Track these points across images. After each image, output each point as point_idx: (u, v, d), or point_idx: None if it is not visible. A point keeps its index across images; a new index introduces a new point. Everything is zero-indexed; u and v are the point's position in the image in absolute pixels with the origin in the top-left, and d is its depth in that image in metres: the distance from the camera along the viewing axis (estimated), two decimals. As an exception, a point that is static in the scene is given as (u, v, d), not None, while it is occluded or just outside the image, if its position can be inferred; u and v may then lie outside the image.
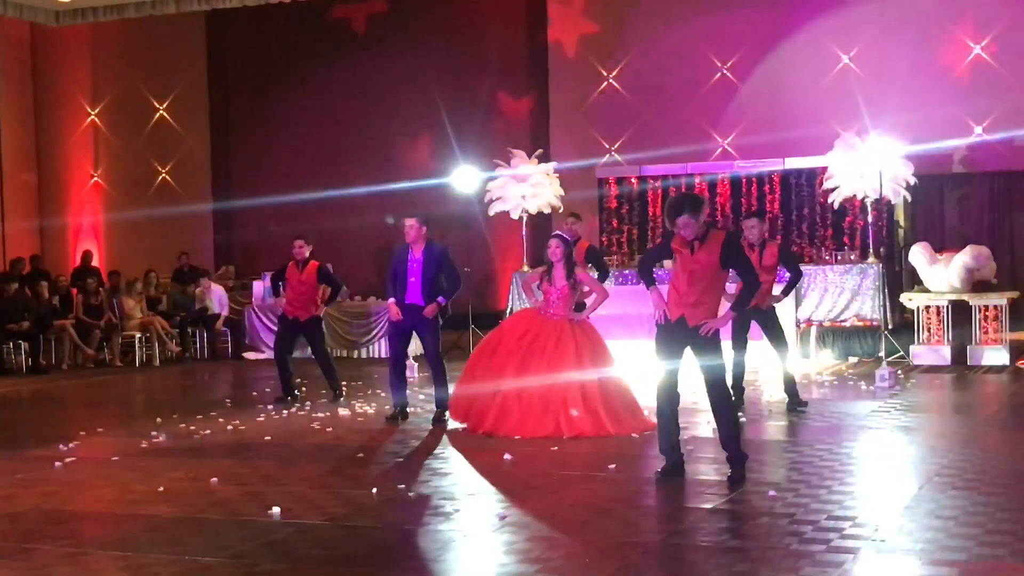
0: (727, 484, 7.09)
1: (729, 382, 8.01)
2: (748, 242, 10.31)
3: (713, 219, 18.00)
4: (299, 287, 12.03)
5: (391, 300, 10.34)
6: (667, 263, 8.21)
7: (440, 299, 10.16)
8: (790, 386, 10.41)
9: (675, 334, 7.26)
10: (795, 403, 10.37)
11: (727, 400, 7.38)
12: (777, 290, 10.72)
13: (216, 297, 18.55)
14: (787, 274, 10.71)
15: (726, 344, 7.82)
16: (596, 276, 11.61)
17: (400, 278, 10.24)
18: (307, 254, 12.05)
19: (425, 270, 10.11)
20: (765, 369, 13.30)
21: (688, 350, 7.33)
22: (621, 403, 9.37)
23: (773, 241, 10.76)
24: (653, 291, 7.43)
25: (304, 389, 12.26)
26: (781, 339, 10.44)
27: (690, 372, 7.52)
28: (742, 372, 10.53)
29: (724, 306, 7.61)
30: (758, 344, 11.42)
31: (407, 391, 10.62)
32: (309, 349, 12.73)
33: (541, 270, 9.78)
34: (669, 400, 7.36)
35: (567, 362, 9.29)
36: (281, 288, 12.32)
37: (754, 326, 10.42)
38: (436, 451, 8.82)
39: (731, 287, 8.73)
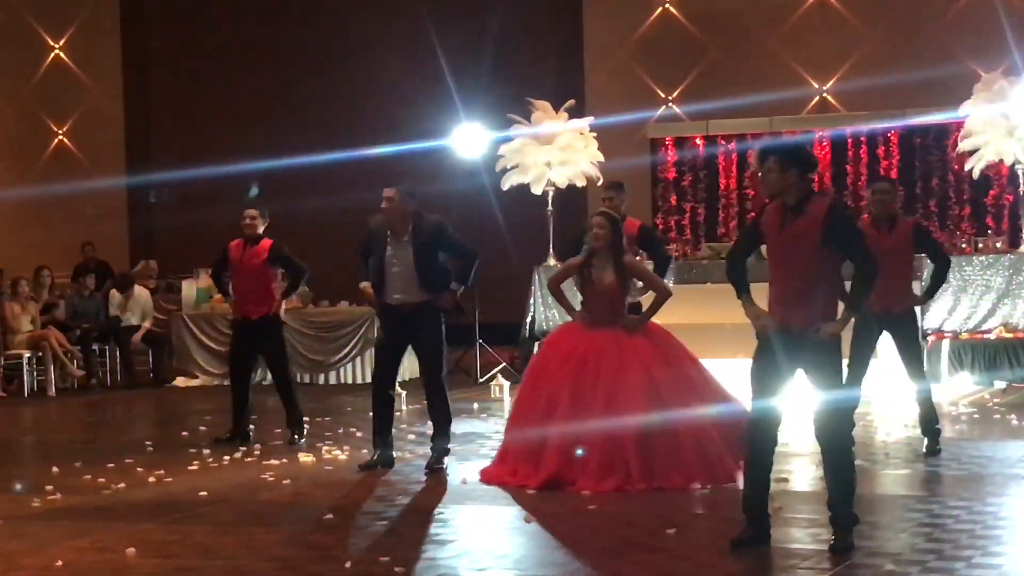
0: (828, 555, 7.07)
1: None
2: (874, 216, 10.23)
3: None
4: (245, 272, 12.03)
5: (364, 284, 10.25)
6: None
7: (453, 284, 10.07)
8: (932, 422, 10.35)
9: (779, 348, 7.24)
10: (933, 446, 10.31)
11: (846, 444, 7.32)
12: (917, 288, 10.65)
13: (138, 305, 18.57)
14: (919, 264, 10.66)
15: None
16: (651, 268, 11.59)
17: (376, 273, 10.15)
18: (260, 231, 12.09)
19: (418, 260, 10.02)
20: (880, 398, 13.27)
21: (795, 373, 7.30)
22: (721, 438, 9.31)
23: (908, 217, 10.68)
24: (746, 300, 7.39)
25: (252, 427, 12.27)
26: (918, 358, 10.40)
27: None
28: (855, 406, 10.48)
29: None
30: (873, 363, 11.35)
31: (393, 432, 10.59)
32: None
33: (575, 262, 9.73)
34: (765, 443, 7.33)
35: (632, 388, 9.26)
36: (228, 283, 12.30)
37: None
38: (433, 511, 8.81)
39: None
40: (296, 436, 11.95)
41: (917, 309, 10.62)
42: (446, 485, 9.69)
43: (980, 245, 16.27)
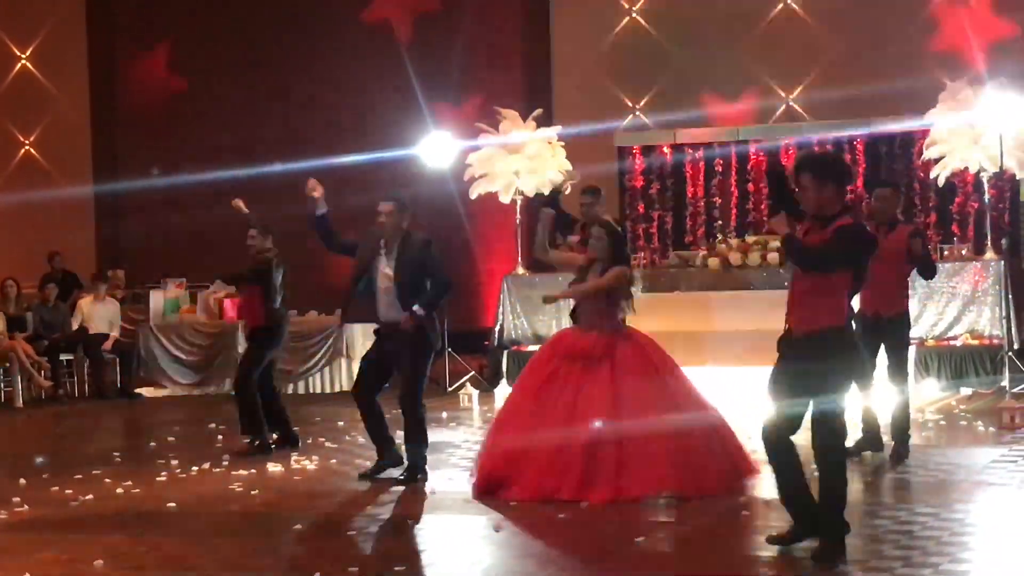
0: (811, 561, 7.08)
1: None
2: (876, 220, 10.31)
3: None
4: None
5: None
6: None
7: (415, 307, 9.92)
8: (903, 428, 10.43)
9: (789, 351, 7.22)
10: (901, 452, 10.39)
11: (842, 452, 7.31)
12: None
13: (106, 313, 18.45)
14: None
15: None
16: None
17: (365, 283, 10.08)
18: (267, 245, 12.22)
19: (400, 275, 9.96)
20: (847, 405, 13.29)
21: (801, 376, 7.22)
22: (720, 448, 9.34)
23: (908, 224, 10.75)
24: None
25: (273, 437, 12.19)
26: (903, 363, 10.52)
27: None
28: (874, 412, 10.52)
29: None
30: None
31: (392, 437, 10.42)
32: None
33: (579, 262, 9.78)
34: (781, 444, 7.25)
35: (633, 395, 9.22)
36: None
37: None
38: (403, 521, 8.80)
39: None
40: (256, 444, 11.90)
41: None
42: (416, 495, 9.68)
43: (946, 252, 16.32)
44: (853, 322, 7.30)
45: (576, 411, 9.17)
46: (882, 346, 10.51)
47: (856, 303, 7.72)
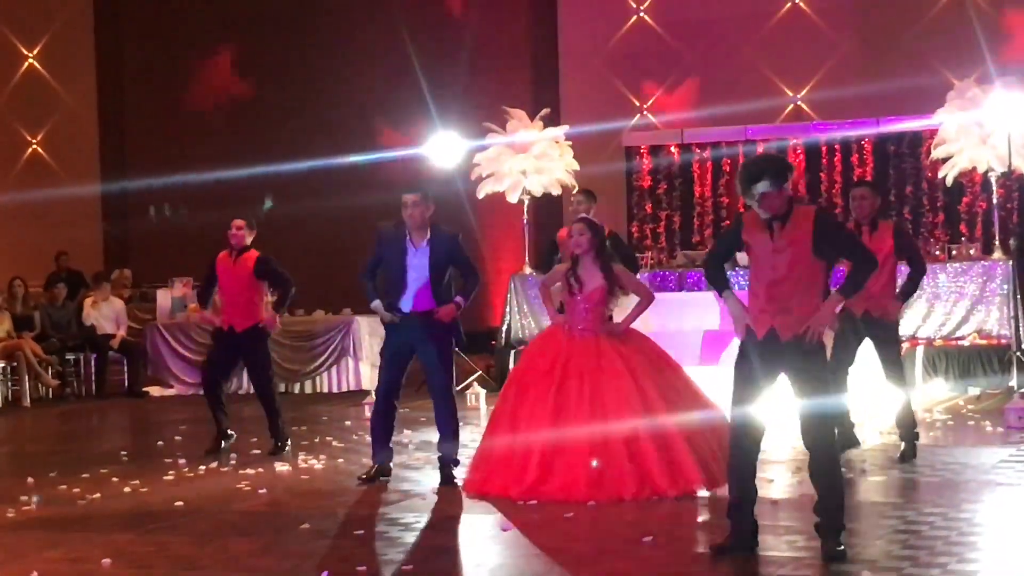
0: (811, 563, 7.07)
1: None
2: (855, 220, 10.35)
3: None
4: (232, 284, 11.90)
5: (376, 303, 9.99)
6: (741, 258, 8.04)
7: (458, 299, 9.99)
8: (909, 429, 10.43)
9: (763, 356, 7.24)
10: (910, 451, 10.39)
11: (835, 450, 7.36)
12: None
13: (111, 312, 18.50)
14: (903, 269, 10.67)
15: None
16: None
17: (395, 279, 9.94)
18: (247, 242, 11.98)
19: (433, 267, 9.92)
20: (854, 405, 13.29)
21: (780, 379, 7.30)
22: (714, 447, 9.33)
23: (887, 220, 10.76)
24: (728, 297, 7.34)
25: (231, 434, 12.23)
26: (898, 362, 10.48)
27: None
28: (846, 412, 10.55)
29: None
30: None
31: (391, 443, 10.35)
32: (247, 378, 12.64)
33: (564, 268, 9.77)
34: (748, 450, 7.32)
35: (619, 395, 9.23)
36: (214, 297, 12.19)
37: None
38: (408, 520, 8.81)
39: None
40: (280, 445, 11.92)
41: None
42: (422, 494, 9.69)
43: (954, 252, 16.31)
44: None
45: (597, 413, 9.19)
46: (867, 346, 10.53)
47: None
